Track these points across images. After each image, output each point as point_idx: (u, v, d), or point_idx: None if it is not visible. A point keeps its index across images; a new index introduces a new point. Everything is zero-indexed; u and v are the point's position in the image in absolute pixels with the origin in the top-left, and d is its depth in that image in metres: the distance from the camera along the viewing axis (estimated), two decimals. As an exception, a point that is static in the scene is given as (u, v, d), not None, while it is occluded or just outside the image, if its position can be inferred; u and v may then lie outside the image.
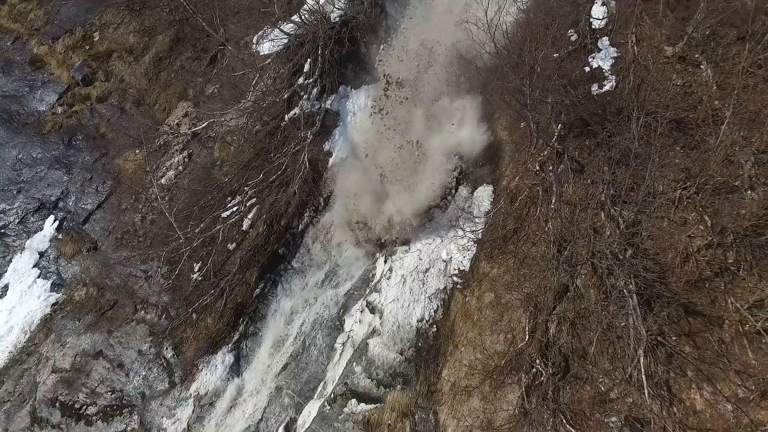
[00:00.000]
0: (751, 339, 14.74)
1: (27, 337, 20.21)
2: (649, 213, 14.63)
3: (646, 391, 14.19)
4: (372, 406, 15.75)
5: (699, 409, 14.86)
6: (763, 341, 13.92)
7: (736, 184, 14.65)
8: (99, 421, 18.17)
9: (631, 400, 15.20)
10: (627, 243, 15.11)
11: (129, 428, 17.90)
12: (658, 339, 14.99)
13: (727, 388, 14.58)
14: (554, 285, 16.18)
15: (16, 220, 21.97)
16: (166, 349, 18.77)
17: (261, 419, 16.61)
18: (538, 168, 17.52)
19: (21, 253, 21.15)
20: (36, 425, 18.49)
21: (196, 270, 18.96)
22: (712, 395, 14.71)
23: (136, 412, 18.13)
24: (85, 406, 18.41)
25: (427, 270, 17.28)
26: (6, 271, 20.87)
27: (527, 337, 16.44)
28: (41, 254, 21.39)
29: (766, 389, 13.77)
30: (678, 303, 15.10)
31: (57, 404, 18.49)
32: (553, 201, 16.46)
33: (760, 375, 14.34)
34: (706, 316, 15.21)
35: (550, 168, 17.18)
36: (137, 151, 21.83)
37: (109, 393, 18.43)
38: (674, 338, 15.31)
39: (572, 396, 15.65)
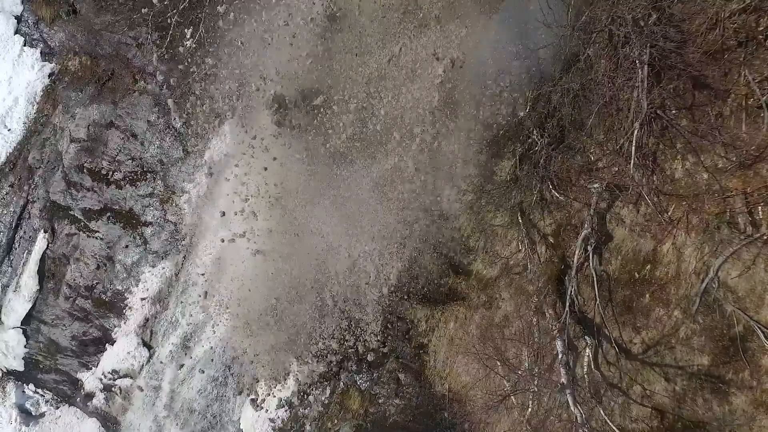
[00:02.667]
0: (750, 113, 12.19)
1: (35, 108, 15.92)
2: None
3: (632, 161, 12.45)
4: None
5: (677, 177, 13.10)
6: (761, 115, 11.69)
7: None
8: (127, 185, 14.79)
9: (616, 170, 13.36)
10: (653, 7, 11.68)
11: (155, 191, 14.17)
12: (657, 112, 12.67)
13: (709, 159, 12.68)
14: (566, 54, 13.03)
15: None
16: (174, 119, 13.87)
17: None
18: None
19: (-5, 18, 15.00)
20: (72, 188, 14.69)
21: (188, 36, 12.96)
22: (693, 165, 12.85)
23: (158, 177, 14.60)
24: (110, 173, 15.00)
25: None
26: (-13, 39, 15.08)
27: (528, 107, 13.85)
28: (18, 19, 17.82)
29: (745, 161, 12.03)
30: (688, 76, 12.22)
31: (85, 170, 15.19)
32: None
33: (745, 148, 12.19)
34: (714, 89, 12.35)
35: None
36: None
37: (130, 160, 14.62)
38: (674, 111, 12.78)
39: (562, 164, 13.75)
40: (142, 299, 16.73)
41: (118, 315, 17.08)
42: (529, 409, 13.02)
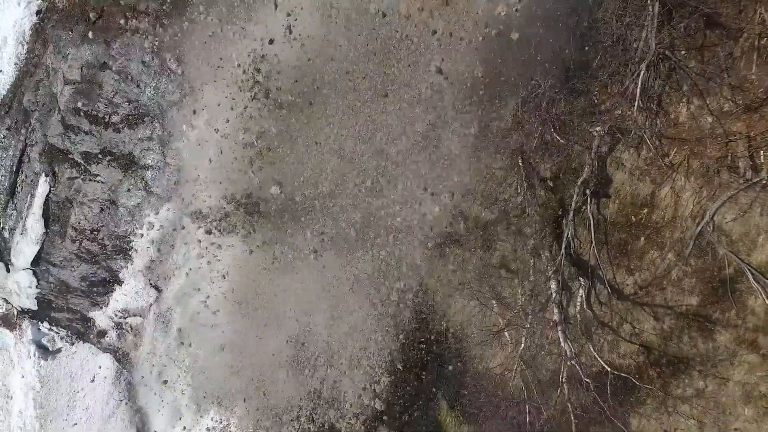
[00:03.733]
0: (762, 53, 11.85)
1: (26, 48, 15.44)
2: None
3: (636, 104, 12.15)
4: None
5: (681, 121, 12.86)
6: (773, 55, 10.85)
7: None
8: (125, 129, 14.77)
9: (619, 113, 13.11)
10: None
11: (154, 134, 13.92)
12: (666, 53, 12.25)
13: (715, 102, 12.40)
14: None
15: None
16: (170, 60, 13.41)
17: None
18: None
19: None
20: (70, 131, 14.54)
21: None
22: (698, 109, 12.59)
23: (156, 121, 14.23)
24: (107, 116, 14.87)
25: None
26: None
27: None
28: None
29: (752, 104, 11.78)
30: (701, 14, 11.71)
31: (81, 113, 15.21)
32: None
33: (753, 90, 11.99)
34: (726, 28, 11.92)
35: None
36: None
37: (126, 103, 14.41)
38: (683, 52, 12.34)
39: (564, 107, 13.34)
40: (147, 241, 16.95)
41: (125, 257, 17.36)
42: (522, 345, 13.53)
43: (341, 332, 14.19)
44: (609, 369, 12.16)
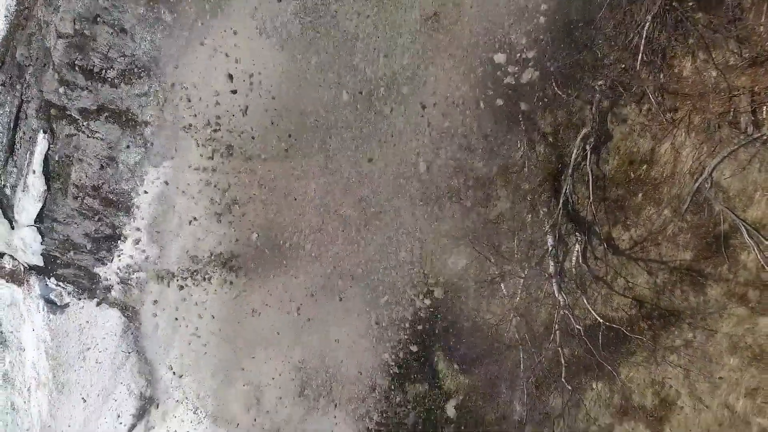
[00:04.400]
0: None
1: (15, 1, 13.98)
2: None
3: (640, 57, 11.96)
4: None
5: (685, 75, 12.68)
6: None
7: None
8: (122, 84, 14.66)
9: (623, 66, 12.88)
10: None
11: (151, 90, 13.75)
12: (673, 4, 11.94)
13: (720, 55, 12.16)
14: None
15: None
16: (164, 13, 13.07)
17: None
18: None
19: None
20: (66, 87, 14.41)
21: None
22: (703, 63, 12.36)
23: (154, 76, 13.72)
24: (103, 70, 14.82)
25: None
26: None
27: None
28: None
29: (758, 57, 11.52)
30: None
31: (76, 68, 15.12)
32: None
33: (761, 43, 11.73)
34: None
35: None
36: None
37: (122, 57, 14.36)
38: (691, 3, 11.97)
39: (567, 60, 13.19)
40: (148, 198, 17.00)
41: (127, 213, 17.46)
42: (518, 298, 13.83)
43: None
44: (601, 320, 12.49)
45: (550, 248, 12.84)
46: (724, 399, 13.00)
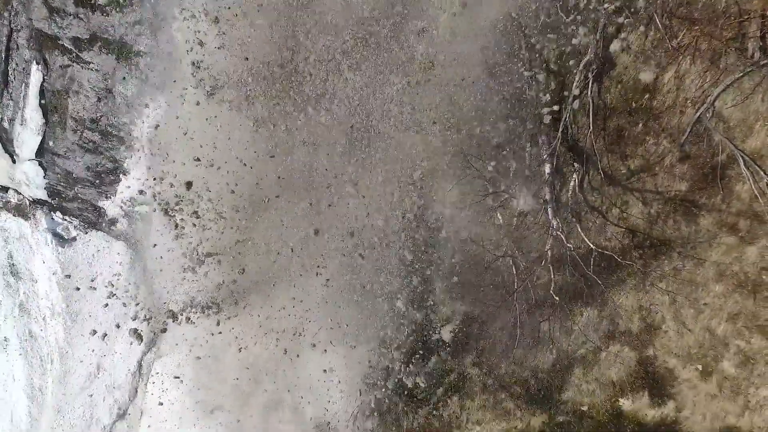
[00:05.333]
0: None
1: None
2: None
3: None
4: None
5: None
6: None
7: None
8: (114, 11, 13.78)
9: None
10: None
11: (144, 17, 13.44)
12: None
13: None
14: None
15: None
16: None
17: None
18: None
19: None
20: (56, 15, 14.22)
21: None
22: None
23: (146, 2, 13.24)
24: None
25: None
26: None
27: None
28: None
29: None
30: None
31: None
32: None
33: None
34: None
35: None
36: None
37: (111, -18, 13.49)
38: None
39: None
40: (148, 130, 16.87)
41: (127, 146, 17.41)
42: (513, 226, 14.07)
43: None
44: (594, 247, 12.79)
45: (547, 176, 12.91)
46: (706, 323, 13.59)
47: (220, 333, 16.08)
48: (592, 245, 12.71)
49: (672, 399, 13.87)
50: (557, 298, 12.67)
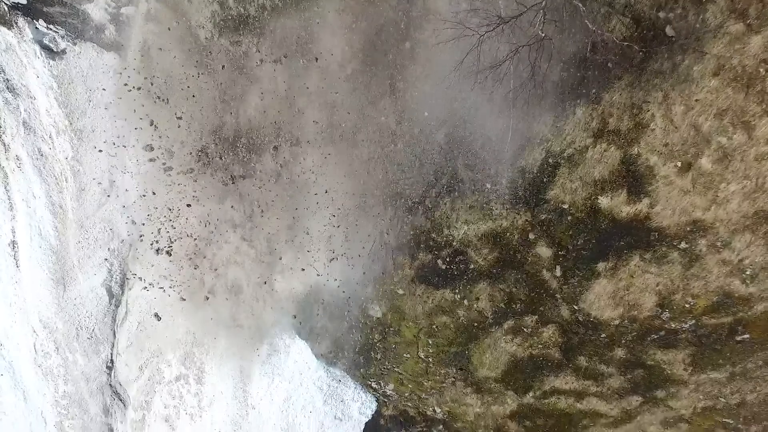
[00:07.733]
0: None
1: None
2: None
3: None
4: None
5: None
6: None
7: None
8: None
9: None
10: None
11: None
12: None
13: None
14: None
15: None
16: None
17: None
18: None
19: None
20: None
21: None
22: None
23: None
24: None
25: None
26: None
27: None
28: None
29: None
30: None
31: None
32: None
33: None
34: None
35: None
36: None
37: None
38: None
39: None
40: None
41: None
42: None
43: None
44: (594, 29, 12.19)
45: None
46: (693, 120, 13.68)
47: None
48: (593, 27, 12.18)
49: (647, 196, 14.62)
50: (546, 35, 12.28)
